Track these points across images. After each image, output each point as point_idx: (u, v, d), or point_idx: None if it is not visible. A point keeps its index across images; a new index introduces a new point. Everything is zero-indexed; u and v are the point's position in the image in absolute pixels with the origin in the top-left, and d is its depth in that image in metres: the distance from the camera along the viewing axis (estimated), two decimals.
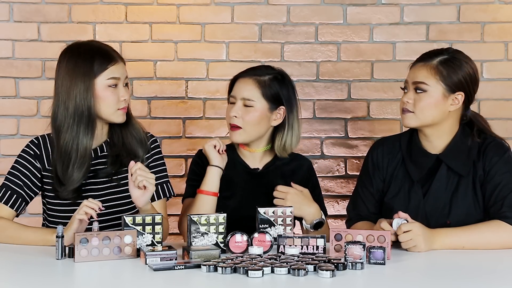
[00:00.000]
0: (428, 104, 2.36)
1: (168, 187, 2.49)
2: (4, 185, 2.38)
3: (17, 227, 2.30)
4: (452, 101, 2.38)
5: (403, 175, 2.45)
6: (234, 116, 2.47)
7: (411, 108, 2.38)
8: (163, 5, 3.32)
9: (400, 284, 1.87)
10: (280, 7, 3.34)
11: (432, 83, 2.36)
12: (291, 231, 2.23)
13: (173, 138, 3.32)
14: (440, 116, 2.39)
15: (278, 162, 2.57)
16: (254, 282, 1.81)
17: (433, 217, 2.37)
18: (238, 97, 2.49)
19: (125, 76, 2.39)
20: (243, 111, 2.48)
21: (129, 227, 2.09)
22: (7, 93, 3.30)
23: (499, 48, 3.32)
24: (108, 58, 2.36)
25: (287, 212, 2.24)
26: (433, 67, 2.37)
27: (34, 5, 3.30)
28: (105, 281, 1.91)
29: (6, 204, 2.35)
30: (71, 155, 2.32)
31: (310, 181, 2.59)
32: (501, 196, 2.32)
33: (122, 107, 2.37)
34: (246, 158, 2.56)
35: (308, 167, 2.62)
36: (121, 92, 2.37)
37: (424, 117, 2.37)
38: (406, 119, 2.40)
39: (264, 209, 2.23)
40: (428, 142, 2.44)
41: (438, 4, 3.33)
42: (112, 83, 2.34)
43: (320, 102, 3.35)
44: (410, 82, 2.40)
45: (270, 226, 2.23)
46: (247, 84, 2.50)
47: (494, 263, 2.08)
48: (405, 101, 2.40)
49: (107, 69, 2.34)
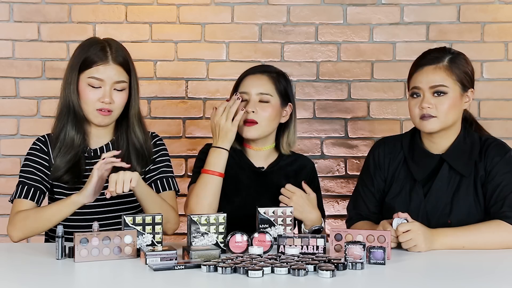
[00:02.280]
0: (450, 106, 2.34)
1: (175, 183, 2.50)
2: (20, 183, 2.40)
3: (37, 210, 2.31)
4: (466, 99, 2.39)
5: (404, 175, 2.45)
6: (252, 112, 2.46)
7: (434, 113, 2.35)
8: (163, 5, 3.32)
9: (400, 284, 1.87)
10: (280, 7, 3.34)
11: (450, 84, 2.35)
12: (291, 231, 2.23)
13: (173, 138, 3.32)
14: (458, 116, 2.39)
15: (282, 162, 2.57)
16: (254, 282, 1.81)
17: (434, 217, 2.37)
18: (252, 93, 2.47)
19: (115, 81, 2.35)
20: (259, 107, 2.47)
21: (129, 227, 2.09)
22: (7, 93, 3.30)
23: (499, 48, 3.32)
24: (97, 57, 2.35)
25: (287, 212, 2.24)
26: (446, 68, 2.35)
27: (34, 5, 3.30)
28: (105, 281, 1.90)
29: (26, 198, 2.36)
30: (58, 141, 2.40)
31: (312, 183, 2.58)
32: (501, 196, 2.32)
33: (99, 107, 2.35)
34: (251, 157, 2.56)
35: (311, 168, 2.63)
36: (105, 94, 2.34)
37: (447, 120, 2.36)
38: (429, 125, 2.36)
39: (264, 209, 2.23)
40: (432, 143, 2.43)
41: (438, 4, 3.33)
42: (91, 83, 2.35)
43: (320, 102, 3.35)
44: (426, 87, 2.35)
45: (270, 226, 2.23)
46: (262, 80, 2.49)
47: (494, 263, 2.08)
48: (425, 106, 2.34)
49: (91, 68, 2.34)
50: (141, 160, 2.44)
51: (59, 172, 2.38)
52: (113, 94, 2.36)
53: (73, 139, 2.39)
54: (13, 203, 2.38)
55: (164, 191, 2.46)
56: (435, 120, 2.35)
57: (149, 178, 2.47)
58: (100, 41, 2.41)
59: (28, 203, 2.36)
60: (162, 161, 2.50)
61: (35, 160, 2.42)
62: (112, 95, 2.36)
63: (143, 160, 2.45)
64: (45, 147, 2.43)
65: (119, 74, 2.37)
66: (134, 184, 2.18)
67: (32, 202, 2.36)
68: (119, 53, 2.39)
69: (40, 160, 2.42)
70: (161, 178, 2.47)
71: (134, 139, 2.43)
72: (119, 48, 2.41)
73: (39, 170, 2.40)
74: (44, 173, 2.41)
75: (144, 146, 2.45)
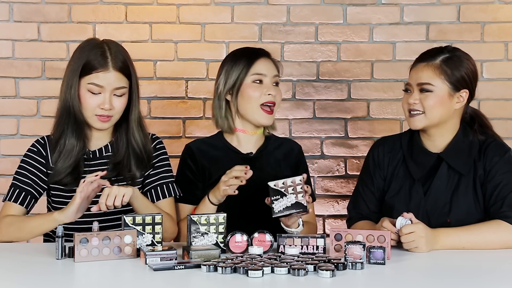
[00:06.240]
0: (435, 103, 2.35)
1: (174, 188, 2.49)
2: (12, 185, 2.40)
3: (22, 220, 2.32)
4: (457, 99, 2.38)
5: (403, 174, 2.45)
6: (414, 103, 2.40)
7: (420, 107, 2.36)
8: (163, 5, 3.32)
9: (400, 284, 1.87)
10: (280, 7, 3.34)
11: (437, 83, 2.35)
12: (303, 197, 2.21)
13: (173, 138, 3.32)
14: (447, 115, 2.39)
15: (270, 146, 2.58)
16: (254, 282, 1.81)
17: (434, 215, 2.37)
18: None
19: (114, 87, 2.34)
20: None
21: (129, 227, 2.09)
22: (7, 93, 3.30)
23: (499, 48, 3.32)
24: (98, 63, 2.33)
25: (297, 181, 2.23)
26: (437, 66, 2.36)
27: (34, 5, 3.30)
28: (105, 281, 1.90)
29: (16, 202, 2.37)
30: (57, 146, 2.38)
31: (301, 165, 2.61)
32: (501, 195, 2.32)
33: (99, 114, 2.35)
34: (240, 143, 2.55)
35: (299, 150, 2.65)
36: (105, 100, 2.33)
37: (432, 117, 2.36)
38: (415, 122, 2.38)
39: (273, 182, 2.22)
40: (430, 141, 2.44)
41: (438, 4, 3.33)
42: (91, 89, 2.33)
43: (320, 102, 3.35)
44: (414, 84, 2.38)
45: (282, 196, 2.22)
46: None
47: (494, 263, 2.08)
48: (411, 102, 2.37)
49: (91, 74, 2.33)
50: (140, 164, 2.42)
51: (60, 176, 2.37)
52: (113, 99, 2.35)
53: (73, 146, 2.38)
54: (3, 204, 2.39)
55: (164, 198, 2.45)
56: (421, 117, 2.37)
57: (149, 183, 2.45)
58: (100, 44, 2.38)
59: (17, 208, 2.36)
60: (161, 166, 2.48)
61: (30, 163, 2.41)
62: (112, 100, 2.34)
63: (143, 164, 2.43)
64: (44, 150, 2.42)
65: (119, 80, 2.35)
66: (126, 199, 2.17)
67: (21, 207, 2.37)
68: (119, 58, 2.35)
69: (35, 163, 2.41)
70: (161, 185, 2.45)
71: (134, 144, 2.41)
72: (119, 52, 2.37)
73: (33, 174, 2.40)
74: (38, 176, 2.40)
75: (143, 150, 2.43)
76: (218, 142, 2.56)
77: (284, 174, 2.47)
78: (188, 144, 2.58)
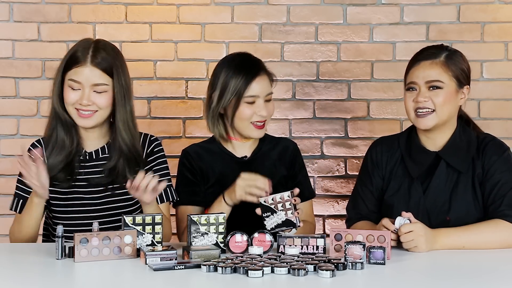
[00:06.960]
0: (445, 100, 2.35)
1: (171, 191, 2.48)
2: (16, 195, 2.41)
3: (18, 220, 2.37)
4: (461, 95, 2.40)
5: (402, 173, 2.45)
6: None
7: (431, 105, 2.35)
8: (163, 5, 3.32)
9: (400, 284, 1.87)
10: (280, 7, 3.34)
11: (446, 79, 2.36)
12: (292, 214, 2.22)
13: (173, 138, 3.32)
14: (454, 112, 2.40)
15: (265, 147, 2.59)
16: (254, 282, 1.81)
17: (433, 213, 2.37)
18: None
19: (92, 83, 2.31)
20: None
21: (129, 227, 2.09)
22: (7, 93, 3.30)
23: (499, 48, 3.32)
24: (77, 59, 2.32)
25: (285, 197, 2.24)
26: (443, 63, 2.37)
27: (34, 5, 3.30)
28: (105, 281, 1.90)
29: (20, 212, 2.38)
30: (50, 142, 2.39)
31: (296, 162, 2.61)
32: (500, 194, 2.32)
33: (80, 109, 2.33)
34: (235, 148, 2.56)
35: (294, 147, 2.65)
36: (83, 96, 2.31)
37: (442, 114, 2.36)
38: (425, 121, 2.36)
39: (263, 198, 2.25)
40: (428, 139, 2.44)
41: (438, 4, 3.33)
42: (71, 85, 2.33)
43: (320, 102, 3.35)
44: (422, 82, 2.37)
45: (272, 213, 2.23)
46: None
47: (494, 263, 2.08)
48: (421, 100, 2.35)
49: (71, 70, 2.32)
50: (131, 165, 2.39)
51: (54, 171, 2.35)
52: (94, 96, 2.32)
53: (63, 140, 2.38)
54: (14, 218, 2.42)
55: (161, 202, 2.44)
56: (433, 116, 2.36)
57: None
58: (88, 42, 2.37)
59: None
60: (159, 170, 2.45)
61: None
62: (91, 97, 2.31)
63: (133, 163, 2.40)
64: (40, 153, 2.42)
65: (98, 76, 2.32)
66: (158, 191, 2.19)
67: None
68: (101, 54, 2.32)
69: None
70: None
71: (122, 144, 2.38)
72: (104, 50, 2.34)
73: None
74: None
75: (132, 149, 2.39)
76: (213, 146, 2.57)
77: (280, 174, 2.53)
78: (185, 149, 2.59)
